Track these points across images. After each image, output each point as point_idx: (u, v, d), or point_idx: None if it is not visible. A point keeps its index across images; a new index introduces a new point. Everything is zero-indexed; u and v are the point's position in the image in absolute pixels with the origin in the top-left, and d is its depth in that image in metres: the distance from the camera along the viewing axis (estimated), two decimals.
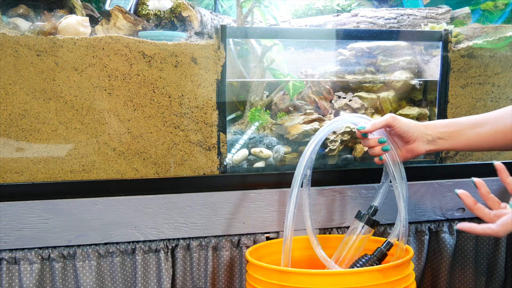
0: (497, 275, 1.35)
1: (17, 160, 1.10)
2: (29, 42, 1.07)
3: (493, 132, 1.02)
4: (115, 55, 1.11)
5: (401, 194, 1.03)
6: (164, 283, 1.16)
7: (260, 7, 1.29)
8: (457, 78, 1.34)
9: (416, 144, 1.05)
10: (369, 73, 1.36)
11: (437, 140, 1.05)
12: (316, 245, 1.08)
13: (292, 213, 1.04)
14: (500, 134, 1.01)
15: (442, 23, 1.41)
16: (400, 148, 1.07)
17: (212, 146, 1.19)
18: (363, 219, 1.06)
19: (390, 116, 1.04)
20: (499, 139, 1.02)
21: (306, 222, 1.09)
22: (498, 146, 1.03)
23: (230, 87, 1.27)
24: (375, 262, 1.03)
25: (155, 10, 1.23)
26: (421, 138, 1.05)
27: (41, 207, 1.08)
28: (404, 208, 1.02)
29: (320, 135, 1.06)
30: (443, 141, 1.05)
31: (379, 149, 1.04)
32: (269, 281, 0.96)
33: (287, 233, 1.05)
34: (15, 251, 1.08)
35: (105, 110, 1.12)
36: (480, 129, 1.03)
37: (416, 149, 1.05)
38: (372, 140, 1.04)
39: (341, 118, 1.07)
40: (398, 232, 1.04)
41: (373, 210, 1.07)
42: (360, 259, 1.04)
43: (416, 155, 1.06)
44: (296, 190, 1.04)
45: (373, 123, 1.04)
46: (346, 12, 1.51)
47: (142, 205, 1.13)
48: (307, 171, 1.09)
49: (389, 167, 1.04)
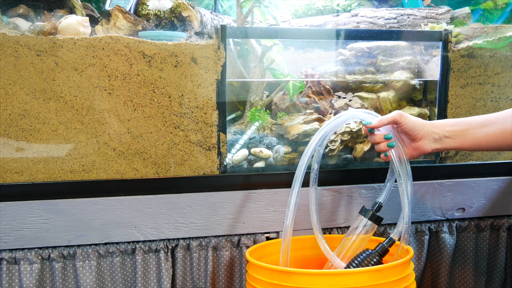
0: (497, 275, 1.35)
1: (17, 160, 1.10)
2: (29, 42, 1.07)
3: (501, 132, 1.02)
4: (115, 55, 1.11)
5: (405, 192, 1.02)
6: (164, 283, 1.16)
7: (260, 7, 1.29)
8: (457, 78, 1.34)
9: (422, 142, 1.05)
10: (369, 73, 1.36)
11: (444, 138, 1.05)
12: (320, 238, 1.09)
13: (292, 212, 1.05)
14: (508, 133, 1.01)
15: (442, 23, 1.41)
16: (407, 145, 1.07)
17: (212, 146, 1.19)
18: (367, 215, 1.06)
19: (397, 113, 1.04)
20: (507, 138, 1.02)
21: (312, 216, 1.09)
22: (506, 146, 1.03)
23: (230, 87, 1.27)
24: (375, 257, 1.03)
25: (155, 10, 1.23)
26: (428, 136, 1.05)
27: (41, 207, 1.08)
28: (408, 205, 1.02)
29: (326, 128, 1.07)
30: (450, 140, 1.05)
31: (385, 145, 1.04)
32: (269, 281, 0.96)
33: (286, 232, 1.06)
34: (15, 251, 1.08)
35: (105, 110, 1.12)
36: (488, 129, 1.03)
37: (423, 147, 1.05)
38: (378, 136, 1.05)
39: (349, 112, 1.08)
40: (400, 230, 1.04)
41: (377, 206, 1.07)
42: (361, 254, 1.04)
43: (422, 153, 1.06)
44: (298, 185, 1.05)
45: (380, 119, 1.04)
46: (346, 12, 1.51)
47: (142, 205, 1.13)
48: (315, 165, 1.10)
49: (394, 164, 1.04)
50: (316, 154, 1.09)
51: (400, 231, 1.04)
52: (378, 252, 1.04)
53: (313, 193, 1.09)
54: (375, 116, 1.06)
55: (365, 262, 1.03)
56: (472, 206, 1.32)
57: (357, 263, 1.03)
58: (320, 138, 1.07)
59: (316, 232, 1.09)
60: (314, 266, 1.17)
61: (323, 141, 1.10)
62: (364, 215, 1.06)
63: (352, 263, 1.04)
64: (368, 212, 1.06)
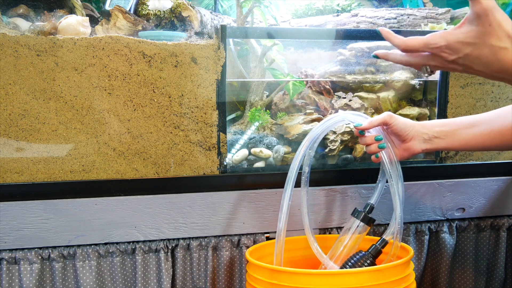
0: (497, 275, 1.35)
1: (17, 160, 1.10)
2: (29, 42, 1.07)
3: (489, 132, 1.02)
4: (115, 55, 1.11)
5: (396, 193, 1.03)
6: (164, 283, 1.16)
7: (260, 7, 1.29)
8: (457, 78, 1.34)
9: (412, 143, 1.06)
10: (369, 73, 1.36)
11: (433, 139, 1.06)
12: (313, 241, 1.09)
13: (285, 212, 1.06)
14: (496, 134, 1.01)
15: (442, 23, 1.41)
16: (397, 147, 1.07)
17: (212, 146, 1.19)
18: (359, 216, 1.06)
19: (387, 114, 1.05)
20: (495, 138, 1.02)
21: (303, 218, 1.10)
22: (494, 146, 1.03)
23: (230, 87, 1.27)
24: (369, 258, 1.03)
25: (155, 10, 1.23)
26: (418, 137, 1.06)
27: (41, 207, 1.08)
28: (399, 206, 1.02)
29: (316, 131, 1.07)
30: (440, 140, 1.05)
31: (376, 146, 1.04)
32: (269, 281, 0.96)
33: (280, 231, 1.06)
34: (15, 251, 1.08)
35: (105, 110, 1.12)
36: (476, 129, 1.03)
37: (413, 147, 1.06)
38: (369, 137, 1.05)
39: (338, 115, 1.08)
40: (393, 230, 1.04)
41: (369, 208, 1.07)
42: (355, 256, 1.05)
43: (412, 154, 1.06)
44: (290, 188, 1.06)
45: (370, 120, 1.05)
46: (346, 12, 1.51)
47: (142, 205, 1.13)
48: (306, 168, 1.10)
49: (385, 164, 1.04)
50: (307, 157, 1.10)
51: (392, 232, 1.04)
52: (371, 253, 1.04)
53: (304, 196, 1.10)
54: (365, 118, 1.06)
55: (358, 264, 1.03)
56: (472, 206, 1.32)
57: (351, 265, 1.03)
58: (311, 141, 1.08)
59: (308, 234, 1.09)
60: (316, 266, 1.17)
61: (314, 144, 1.10)
62: (356, 216, 1.07)
63: (345, 265, 1.04)
64: (360, 214, 1.06)
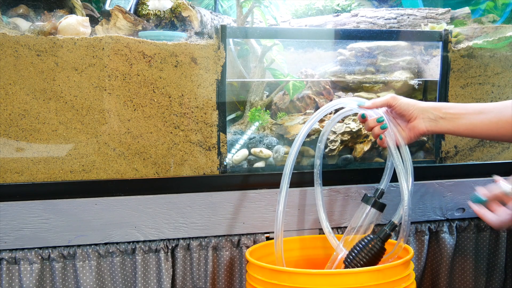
0: (497, 275, 1.35)
1: (17, 160, 1.10)
2: (29, 42, 1.07)
3: (496, 121, 1.02)
4: (115, 55, 1.11)
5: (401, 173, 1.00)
6: (164, 283, 1.16)
7: (260, 7, 1.29)
8: (457, 78, 1.34)
9: (417, 121, 1.05)
10: (369, 73, 1.36)
11: (439, 119, 1.04)
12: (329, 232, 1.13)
13: (281, 211, 1.06)
14: (503, 123, 1.01)
15: (442, 23, 1.41)
16: (403, 128, 1.07)
17: (212, 146, 1.19)
18: (369, 202, 1.05)
19: (390, 96, 1.05)
20: (502, 128, 1.02)
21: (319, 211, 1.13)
22: (500, 135, 1.03)
23: (230, 87, 1.27)
24: (378, 242, 1.01)
25: (155, 10, 1.23)
26: (422, 115, 1.05)
27: (41, 207, 1.08)
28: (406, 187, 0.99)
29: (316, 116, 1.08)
30: (445, 121, 1.04)
31: (379, 128, 1.04)
32: (269, 281, 0.96)
33: (277, 232, 1.07)
34: (15, 251, 1.08)
35: (105, 110, 1.12)
36: (484, 116, 1.03)
37: (417, 126, 1.05)
38: (371, 120, 1.05)
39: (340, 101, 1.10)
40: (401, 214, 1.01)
41: (379, 193, 1.05)
42: (363, 239, 1.02)
43: (418, 133, 1.05)
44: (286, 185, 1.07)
45: (374, 101, 1.06)
46: (346, 12, 1.51)
47: (142, 205, 1.13)
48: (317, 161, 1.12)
49: (388, 144, 1.03)
50: (318, 150, 1.12)
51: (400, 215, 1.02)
52: (380, 237, 1.02)
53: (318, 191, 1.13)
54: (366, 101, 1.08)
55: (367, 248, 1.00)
56: None
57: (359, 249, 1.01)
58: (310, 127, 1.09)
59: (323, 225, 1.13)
60: (315, 266, 1.17)
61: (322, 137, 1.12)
62: (367, 202, 1.05)
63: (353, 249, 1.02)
64: (371, 200, 1.04)
